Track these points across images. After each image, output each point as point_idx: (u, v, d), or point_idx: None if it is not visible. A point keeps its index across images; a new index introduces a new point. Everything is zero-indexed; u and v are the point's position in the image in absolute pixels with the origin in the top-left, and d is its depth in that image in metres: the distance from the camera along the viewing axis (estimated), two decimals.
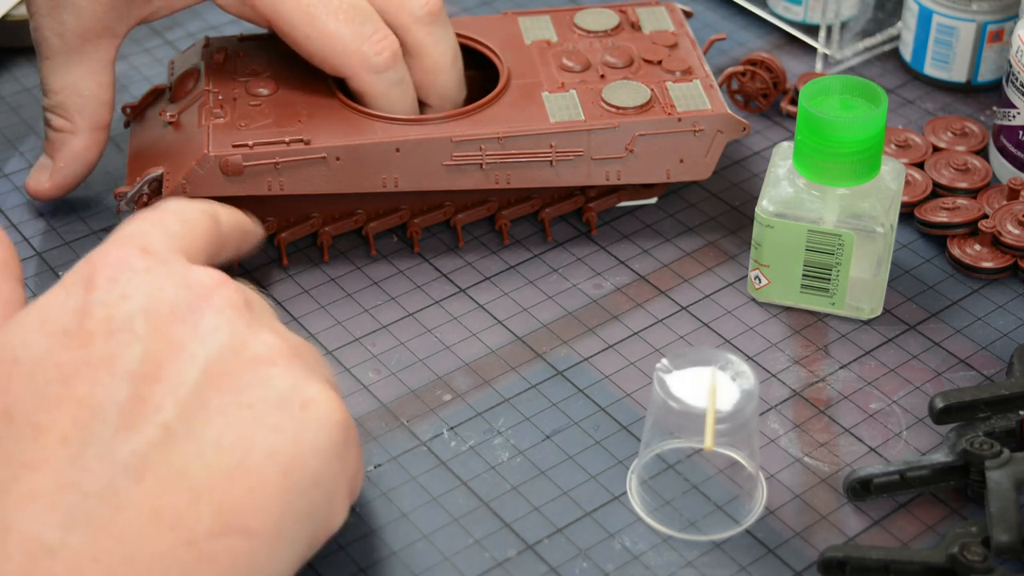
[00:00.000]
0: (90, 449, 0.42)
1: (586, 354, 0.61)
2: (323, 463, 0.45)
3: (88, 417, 0.43)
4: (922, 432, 0.57)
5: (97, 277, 0.46)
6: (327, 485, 0.46)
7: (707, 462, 0.55)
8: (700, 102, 0.64)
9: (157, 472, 0.42)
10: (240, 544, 0.43)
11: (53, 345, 0.44)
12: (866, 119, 0.58)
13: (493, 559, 0.52)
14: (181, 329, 0.45)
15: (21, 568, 0.40)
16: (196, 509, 0.42)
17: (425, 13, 0.64)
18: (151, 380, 0.44)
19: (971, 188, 0.68)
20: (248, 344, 0.46)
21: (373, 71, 0.63)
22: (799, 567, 0.52)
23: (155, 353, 0.44)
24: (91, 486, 0.42)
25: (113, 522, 0.41)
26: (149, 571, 0.41)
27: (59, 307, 0.45)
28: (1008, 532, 0.49)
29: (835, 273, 0.61)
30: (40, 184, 0.66)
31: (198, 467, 0.43)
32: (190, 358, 0.45)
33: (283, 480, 0.44)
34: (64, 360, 0.44)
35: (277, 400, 0.45)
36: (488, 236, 0.67)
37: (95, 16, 0.63)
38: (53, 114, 0.65)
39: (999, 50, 0.74)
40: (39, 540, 0.40)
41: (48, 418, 0.43)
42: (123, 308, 0.45)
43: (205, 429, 0.44)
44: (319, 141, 0.62)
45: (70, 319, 0.45)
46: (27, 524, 0.41)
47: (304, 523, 0.45)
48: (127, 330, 0.45)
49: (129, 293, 0.45)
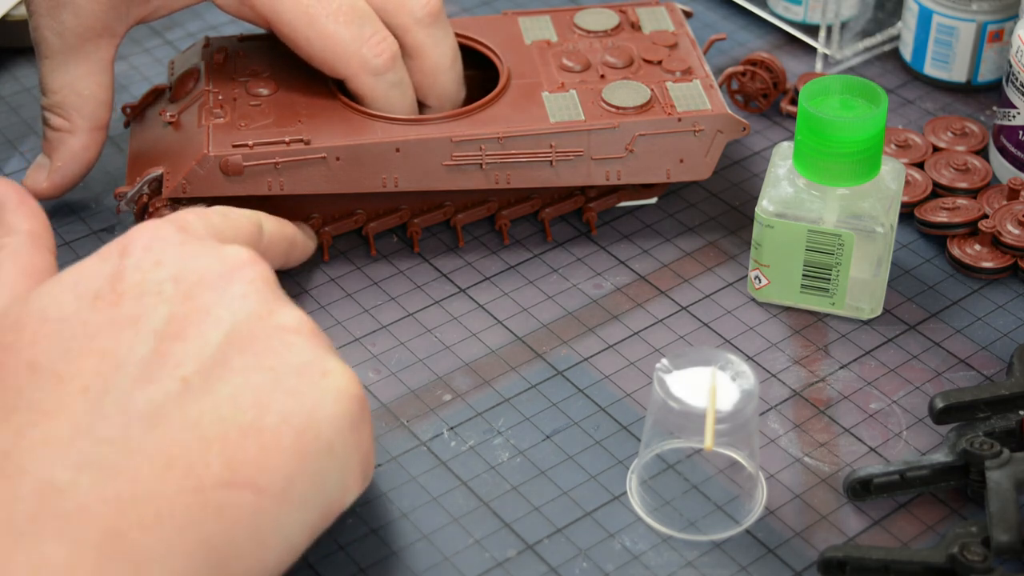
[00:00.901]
0: (108, 398, 0.43)
1: (586, 354, 0.61)
2: (337, 433, 0.46)
3: (109, 369, 0.44)
4: (922, 432, 0.57)
5: (132, 245, 0.48)
6: (340, 455, 0.46)
7: (707, 462, 0.55)
8: (700, 102, 0.64)
9: (171, 421, 0.43)
10: (247, 498, 0.43)
11: (83, 306, 0.46)
12: (866, 119, 0.58)
13: (493, 559, 0.52)
14: (210, 295, 0.47)
15: (32, 507, 0.41)
16: (206, 458, 0.43)
17: (425, 14, 0.64)
18: (175, 339, 0.45)
19: (971, 188, 0.68)
20: (275, 313, 0.47)
21: (372, 73, 0.63)
22: (799, 567, 0.52)
23: (182, 315, 0.46)
24: (106, 432, 0.43)
25: (124, 466, 0.42)
26: (155, 514, 0.42)
27: (93, 271, 0.47)
28: (1008, 532, 0.49)
29: (835, 273, 0.61)
30: (38, 184, 0.66)
31: (212, 420, 0.44)
32: (216, 321, 0.46)
33: (296, 443, 0.45)
34: (92, 319, 0.45)
35: (298, 366, 0.46)
36: (488, 236, 0.67)
37: (94, 15, 0.63)
38: (51, 113, 0.65)
39: (999, 50, 0.74)
40: (50, 481, 0.41)
41: (71, 369, 0.44)
42: (155, 274, 0.47)
43: (223, 386, 0.45)
44: (319, 141, 0.62)
45: (103, 282, 0.46)
46: (40, 466, 0.42)
47: (315, 490, 0.45)
48: (156, 293, 0.46)
49: (162, 260, 0.47)
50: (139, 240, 0.48)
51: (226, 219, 0.53)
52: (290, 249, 0.59)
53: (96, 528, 0.41)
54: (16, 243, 0.51)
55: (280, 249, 0.58)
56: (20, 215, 0.53)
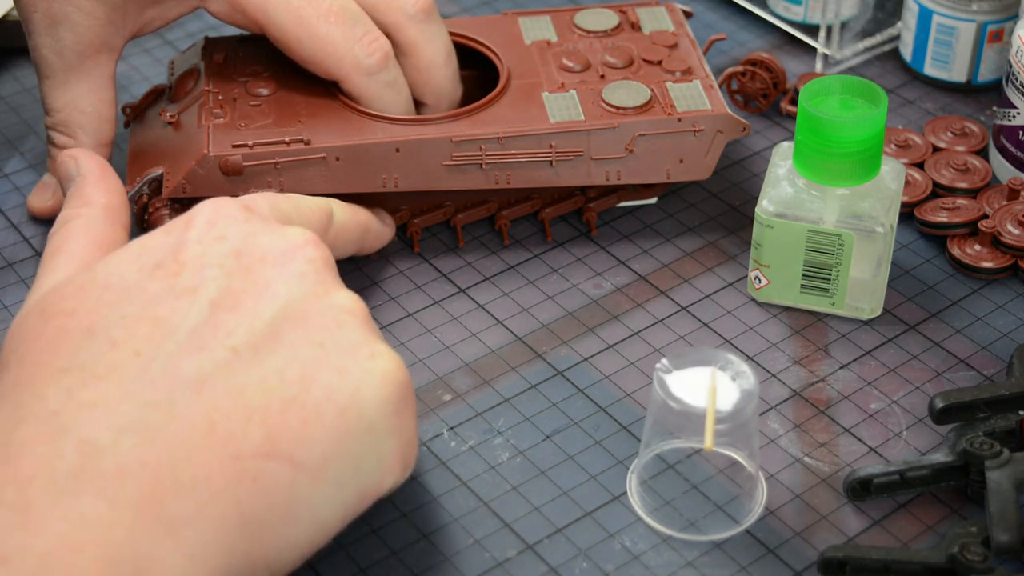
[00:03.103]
0: (157, 363, 0.44)
1: (586, 354, 0.61)
2: (380, 415, 0.46)
3: (162, 335, 0.45)
4: (922, 432, 0.57)
5: (197, 219, 0.49)
6: (381, 437, 0.46)
7: (707, 462, 0.55)
8: (700, 102, 0.64)
9: (216, 389, 0.44)
10: (283, 471, 0.44)
11: (144, 275, 0.47)
12: (866, 119, 0.58)
13: (493, 559, 0.52)
14: (269, 271, 0.48)
15: (72, 465, 0.42)
16: (246, 428, 0.44)
17: (417, 11, 0.64)
18: (229, 309, 0.46)
19: (971, 188, 0.68)
20: (331, 293, 0.48)
21: (366, 73, 0.63)
22: (799, 567, 0.52)
23: (239, 288, 0.47)
24: (151, 396, 0.44)
25: (165, 430, 0.43)
26: (192, 479, 0.43)
27: (158, 243, 0.49)
28: (1008, 532, 0.49)
29: (835, 273, 0.61)
30: (44, 203, 0.66)
31: (256, 390, 0.45)
32: (272, 296, 0.47)
33: (337, 420, 0.45)
34: (151, 287, 0.47)
35: (348, 345, 0.47)
36: (488, 236, 0.67)
37: (92, 31, 0.63)
38: (56, 132, 0.65)
39: (999, 50, 0.74)
40: (93, 441, 0.42)
41: (125, 334, 0.45)
42: (217, 247, 0.48)
43: (271, 358, 0.45)
44: (319, 141, 0.62)
45: (165, 253, 0.48)
46: (85, 426, 0.43)
47: (352, 470, 0.46)
48: (217, 266, 0.47)
49: (225, 235, 0.48)
50: (203, 214, 0.49)
51: (295, 207, 0.54)
52: (363, 236, 0.60)
53: (134, 489, 0.42)
54: (91, 215, 0.53)
55: (352, 236, 0.59)
56: (100, 188, 0.54)
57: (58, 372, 0.44)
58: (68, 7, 0.62)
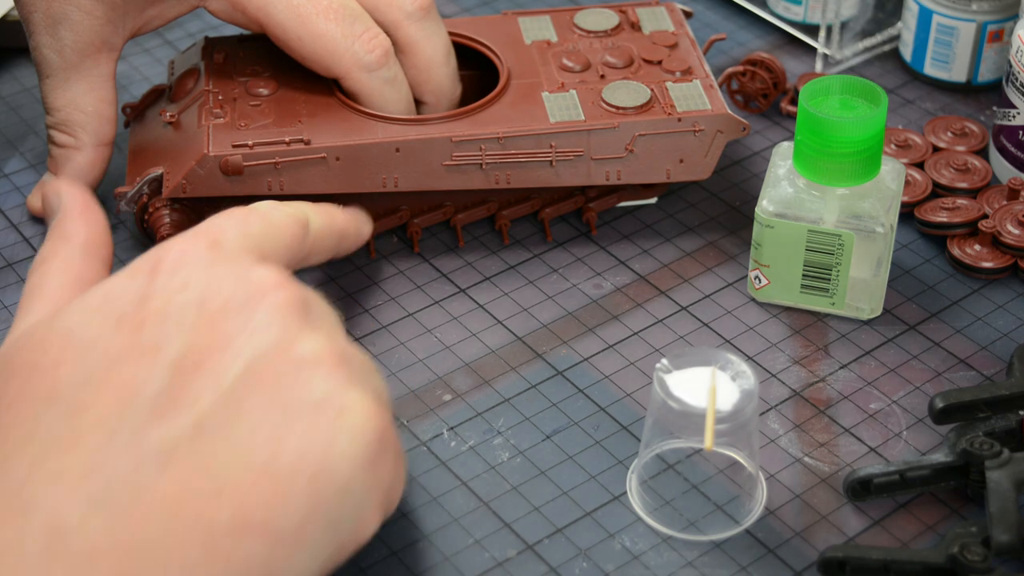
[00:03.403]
0: (121, 434, 0.43)
1: (586, 354, 0.61)
2: (354, 472, 0.44)
3: (125, 403, 0.43)
4: (922, 432, 0.57)
5: (162, 265, 0.47)
6: (357, 494, 0.45)
7: (707, 462, 0.55)
8: (700, 102, 0.64)
9: (184, 463, 0.42)
10: (258, 544, 0.42)
11: (107, 328, 0.45)
12: (866, 119, 0.58)
13: (493, 559, 0.52)
14: (232, 323, 0.45)
15: (41, 546, 0.40)
16: (218, 503, 0.42)
17: (415, 8, 0.64)
18: (192, 371, 0.44)
19: (971, 188, 0.68)
20: (294, 345, 0.46)
21: (365, 70, 0.63)
22: (799, 567, 0.52)
23: (201, 345, 0.45)
24: (117, 470, 0.42)
25: (134, 508, 0.41)
26: (165, 560, 0.41)
27: (121, 291, 0.46)
28: (1008, 532, 0.49)
29: (835, 273, 0.61)
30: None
31: (225, 462, 0.43)
32: (235, 353, 0.45)
33: (310, 485, 0.43)
34: (114, 344, 0.45)
35: (313, 404, 0.44)
36: (488, 236, 0.67)
37: (92, 30, 0.63)
38: (57, 131, 0.65)
39: (999, 50, 0.74)
40: (61, 520, 0.41)
41: (88, 399, 0.43)
42: (179, 298, 0.46)
43: (237, 426, 0.43)
44: (319, 141, 0.62)
45: (128, 304, 0.46)
46: (52, 503, 0.41)
47: (329, 530, 0.44)
48: (178, 320, 0.45)
49: (188, 283, 0.46)
50: (168, 259, 0.47)
51: (267, 223, 0.51)
52: (340, 242, 0.57)
53: (105, 571, 0.40)
54: (69, 251, 0.51)
55: (328, 244, 0.56)
56: (80, 223, 0.52)
57: (22, 442, 0.43)
58: (68, 6, 0.63)
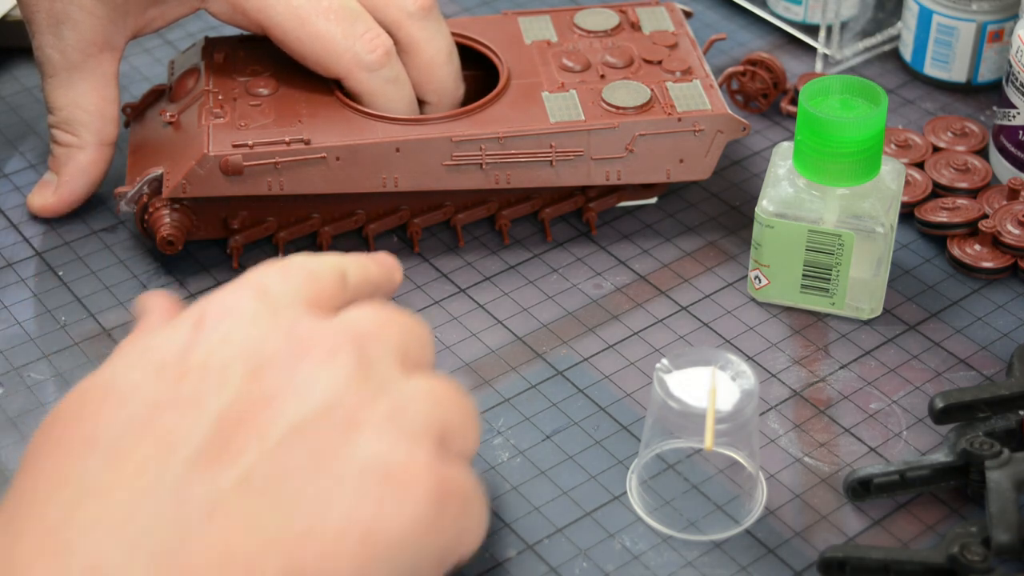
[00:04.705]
0: (163, 483, 0.41)
1: (586, 354, 0.61)
2: (405, 533, 0.42)
3: (167, 451, 0.42)
4: (922, 432, 0.57)
5: (205, 317, 0.46)
6: (410, 554, 0.43)
7: (707, 462, 0.55)
8: (700, 102, 0.64)
9: (229, 517, 0.41)
10: None
11: (149, 377, 0.44)
12: (866, 119, 0.58)
13: (493, 559, 0.52)
14: (276, 380, 0.44)
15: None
16: (264, 560, 0.40)
17: (417, 8, 0.64)
18: (236, 426, 0.43)
19: (971, 188, 0.68)
20: (339, 405, 0.44)
21: (366, 69, 0.63)
22: (799, 567, 0.52)
23: (246, 400, 0.43)
24: (159, 519, 0.41)
25: (178, 557, 0.40)
26: None
27: (163, 342, 0.45)
28: (1008, 532, 0.49)
29: (835, 273, 0.61)
30: (45, 200, 0.66)
31: (271, 521, 0.41)
32: (279, 411, 0.43)
33: (359, 548, 0.42)
34: (156, 394, 0.43)
35: (360, 468, 0.43)
36: (488, 236, 0.67)
37: (94, 30, 0.63)
38: (59, 130, 0.65)
39: (999, 50, 0.74)
40: (101, 562, 0.40)
41: (128, 447, 0.42)
42: (223, 352, 0.44)
43: (283, 486, 0.42)
44: (319, 141, 0.62)
45: (170, 355, 0.44)
46: (91, 546, 0.40)
47: None
48: (222, 373, 0.44)
49: (232, 338, 0.45)
50: (212, 311, 0.46)
51: (308, 275, 0.49)
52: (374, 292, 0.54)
53: None
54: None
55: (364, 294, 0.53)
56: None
57: (58, 485, 0.42)
58: (70, 6, 0.63)
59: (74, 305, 0.63)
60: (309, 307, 0.47)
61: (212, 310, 0.46)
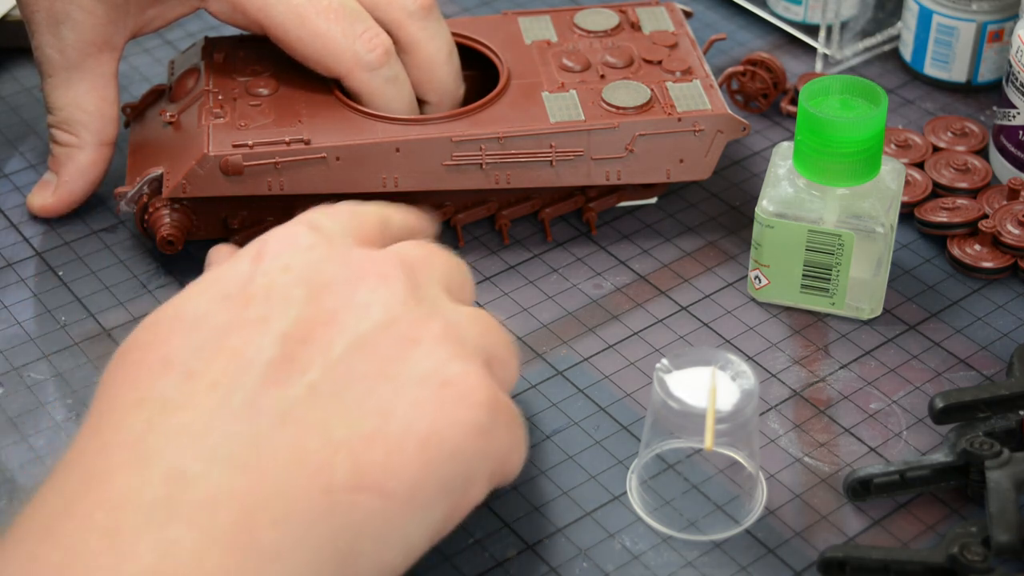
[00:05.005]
0: (237, 395, 0.44)
1: (586, 354, 0.61)
2: (462, 440, 0.46)
3: (238, 368, 0.45)
4: (922, 432, 0.57)
5: (265, 251, 0.49)
6: (467, 461, 0.46)
7: (707, 462, 0.55)
8: (700, 102, 0.64)
9: (300, 422, 0.44)
10: (374, 502, 0.44)
11: (214, 306, 0.47)
12: (866, 119, 0.58)
13: (493, 559, 0.52)
14: (336, 300, 0.47)
15: (161, 493, 0.41)
16: (334, 461, 0.43)
17: (417, 8, 0.64)
18: (301, 343, 0.46)
19: (971, 188, 0.68)
20: (397, 322, 0.47)
21: (366, 69, 0.63)
22: (799, 567, 0.52)
23: (309, 319, 0.46)
24: (235, 427, 0.43)
25: (254, 461, 0.43)
26: (284, 511, 0.42)
27: (226, 275, 0.48)
28: (1008, 532, 0.49)
29: (835, 273, 0.61)
30: (45, 200, 0.66)
31: (339, 424, 0.44)
32: (341, 328, 0.46)
33: (421, 450, 0.45)
34: (223, 319, 0.46)
35: (419, 377, 0.46)
36: (488, 236, 0.67)
37: (94, 29, 0.63)
38: (59, 130, 0.65)
39: (999, 50, 0.74)
40: (181, 470, 0.42)
41: (201, 366, 0.45)
42: (284, 278, 0.47)
43: (348, 393, 0.45)
44: (319, 141, 0.62)
45: (233, 285, 0.48)
46: (170, 455, 0.42)
47: (441, 495, 0.45)
48: (284, 296, 0.47)
49: (292, 265, 0.48)
50: (271, 244, 0.49)
51: (354, 215, 0.53)
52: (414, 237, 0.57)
53: (225, 519, 0.41)
54: None
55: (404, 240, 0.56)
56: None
57: (136, 402, 0.44)
58: (70, 6, 0.63)
59: (74, 305, 0.63)
60: (357, 241, 0.51)
61: (270, 244, 0.49)
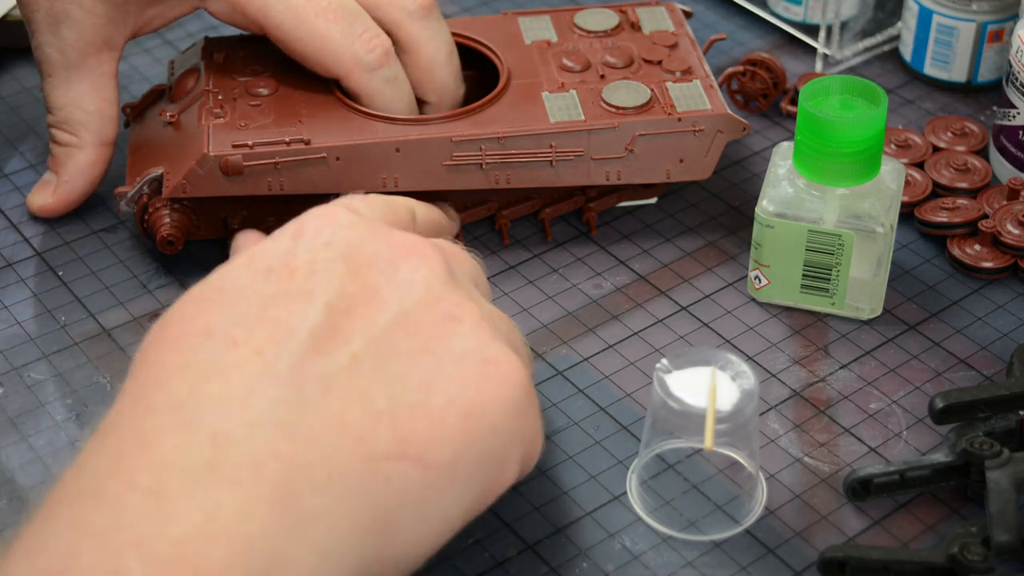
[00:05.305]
0: (281, 362, 0.44)
1: (586, 354, 0.61)
2: (501, 416, 0.47)
3: (282, 336, 0.45)
4: (922, 432, 0.57)
5: (305, 228, 0.49)
6: (503, 438, 0.47)
7: (707, 462, 0.55)
8: (700, 102, 0.64)
9: (343, 391, 0.45)
10: (415, 472, 0.44)
11: (257, 279, 0.48)
12: (866, 119, 0.58)
13: (493, 559, 0.52)
14: (378, 277, 0.48)
15: (206, 455, 0.42)
16: (376, 429, 0.44)
17: (417, 8, 0.64)
18: (345, 314, 0.46)
19: (971, 188, 0.68)
20: (439, 301, 0.48)
21: (366, 69, 0.63)
22: (799, 567, 0.52)
23: (351, 293, 0.47)
24: (279, 393, 0.44)
25: (297, 427, 0.43)
26: (327, 477, 0.43)
27: (268, 250, 0.49)
28: (1008, 532, 0.49)
29: (835, 273, 0.61)
30: (44, 200, 0.66)
31: (382, 394, 0.45)
32: (383, 303, 0.47)
33: (462, 423, 0.46)
34: (266, 291, 0.47)
35: (460, 353, 0.47)
36: (488, 236, 0.67)
37: (94, 29, 0.63)
38: (58, 130, 0.65)
39: (999, 50, 0.74)
40: (225, 433, 0.42)
41: (245, 334, 0.45)
42: (326, 253, 0.48)
43: (390, 365, 0.46)
44: (319, 141, 0.62)
45: (276, 260, 0.48)
46: (215, 419, 0.43)
47: (479, 470, 0.46)
48: (328, 270, 0.47)
49: (334, 241, 0.49)
50: (311, 222, 0.50)
51: (386, 203, 0.54)
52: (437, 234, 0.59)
53: (269, 482, 0.42)
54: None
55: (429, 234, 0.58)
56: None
57: (180, 368, 0.45)
58: (70, 5, 0.63)
59: (74, 305, 0.63)
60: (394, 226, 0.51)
61: (310, 222, 0.50)
